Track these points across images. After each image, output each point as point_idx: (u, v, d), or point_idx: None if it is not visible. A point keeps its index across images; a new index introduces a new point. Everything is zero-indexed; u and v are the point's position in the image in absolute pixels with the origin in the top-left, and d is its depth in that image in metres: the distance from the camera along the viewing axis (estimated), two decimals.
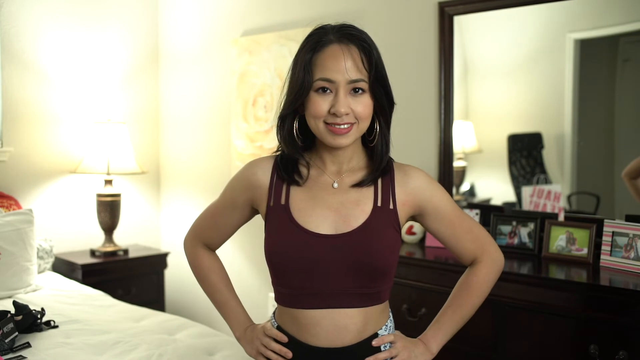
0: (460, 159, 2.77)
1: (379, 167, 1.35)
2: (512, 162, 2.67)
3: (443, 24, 2.64)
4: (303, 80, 1.28)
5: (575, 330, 1.87)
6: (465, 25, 2.66)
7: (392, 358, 1.33)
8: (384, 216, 1.32)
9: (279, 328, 1.37)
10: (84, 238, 3.66)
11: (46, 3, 3.49)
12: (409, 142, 2.80)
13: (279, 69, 3.29)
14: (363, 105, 1.28)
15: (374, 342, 1.32)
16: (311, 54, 1.29)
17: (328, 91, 1.28)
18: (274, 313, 1.42)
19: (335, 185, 1.35)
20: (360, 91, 1.28)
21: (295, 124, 1.34)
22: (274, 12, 3.35)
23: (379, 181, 1.36)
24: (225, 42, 3.61)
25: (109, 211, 3.47)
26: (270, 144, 3.33)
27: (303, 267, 1.29)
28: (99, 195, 3.48)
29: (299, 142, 1.35)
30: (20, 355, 2.07)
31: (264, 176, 1.38)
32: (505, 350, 2.02)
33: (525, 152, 2.65)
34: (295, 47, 3.22)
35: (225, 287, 1.51)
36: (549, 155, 2.60)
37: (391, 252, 1.31)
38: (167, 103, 4.00)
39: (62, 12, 3.55)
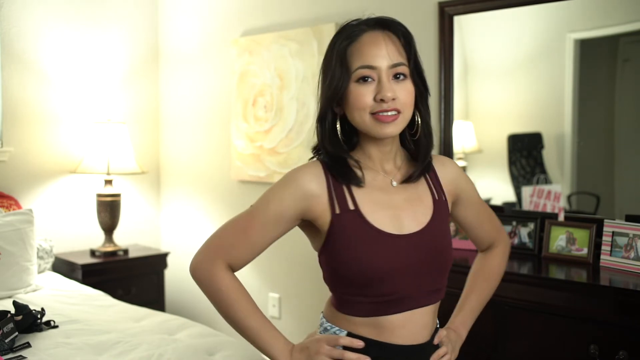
0: (460, 159, 2.77)
1: (426, 159, 1.32)
2: (512, 162, 2.67)
3: (443, 24, 2.64)
4: (341, 72, 1.22)
5: (575, 330, 1.87)
6: (465, 25, 2.66)
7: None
8: (442, 209, 1.33)
9: (350, 334, 1.27)
10: (84, 238, 3.66)
11: (46, 3, 3.49)
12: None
13: (279, 69, 3.29)
14: (406, 92, 1.23)
15: (436, 339, 1.35)
16: (346, 43, 1.23)
17: (369, 80, 1.21)
18: (326, 320, 1.32)
19: (394, 183, 1.30)
20: (401, 77, 1.23)
21: (338, 123, 1.27)
22: (274, 12, 3.35)
23: (427, 174, 1.35)
24: (225, 42, 3.61)
25: (109, 211, 3.47)
26: (270, 143, 3.33)
27: (390, 273, 1.22)
28: (99, 195, 3.48)
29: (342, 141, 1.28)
30: (20, 355, 2.07)
31: (320, 184, 1.25)
32: (505, 350, 2.02)
33: (525, 152, 2.65)
34: (295, 47, 3.24)
35: (258, 311, 1.30)
36: (549, 155, 2.59)
37: (452, 244, 1.34)
38: (167, 103, 4.00)
39: (62, 12, 3.55)
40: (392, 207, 1.27)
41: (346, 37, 1.24)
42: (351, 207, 1.24)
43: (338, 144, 1.27)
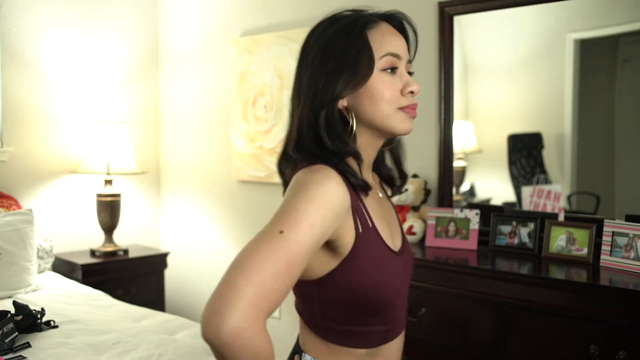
0: (460, 159, 2.77)
1: (404, 167, 1.24)
2: (512, 162, 2.67)
3: (443, 24, 2.64)
4: (368, 57, 1.07)
5: (575, 330, 1.87)
6: (465, 25, 2.66)
7: None
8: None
9: None
10: (84, 238, 3.66)
11: (46, 3, 3.49)
12: (409, 142, 2.79)
13: (279, 69, 3.29)
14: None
15: None
16: (364, 27, 1.09)
17: (396, 70, 1.11)
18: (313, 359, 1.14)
19: (381, 195, 1.22)
20: (412, 75, 1.14)
21: (352, 117, 1.10)
22: (274, 12, 3.35)
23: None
24: (225, 42, 3.61)
25: (109, 211, 3.47)
26: (270, 143, 3.33)
27: (397, 295, 1.12)
28: (99, 195, 3.48)
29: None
30: (20, 355, 2.07)
31: (347, 195, 1.03)
32: (505, 350, 2.02)
33: (525, 152, 2.65)
34: (295, 47, 3.23)
35: None
36: (549, 155, 2.59)
37: None
38: (167, 103, 4.00)
39: (62, 12, 3.55)
40: (386, 220, 1.17)
41: (363, 21, 1.10)
42: (370, 224, 1.08)
43: (350, 142, 1.08)
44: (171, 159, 4.00)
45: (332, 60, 1.08)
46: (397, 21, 1.17)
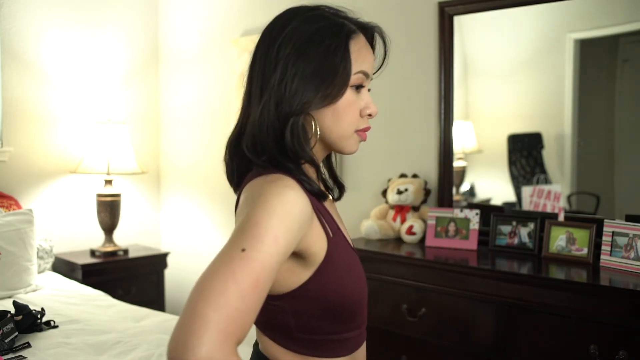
0: (460, 159, 2.77)
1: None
2: (512, 162, 2.67)
3: (443, 24, 2.64)
4: (347, 72, 1.02)
5: (575, 330, 1.87)
6: (465, 25, 2.66)
7: None
8: None
9: None
10: (84, 238, 3.66)
11: (46, 3, 3.49)
12: (409, 142, 2.80)
13: None
14: None
15: None
16: (345, 39, 1.03)
17: (359, 88, 1.06)
18: None
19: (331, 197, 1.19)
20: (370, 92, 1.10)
21: (314, 123, 1.04)
22: (274, 12, 3.33)
23: None
24: (225, 42, 3.61)
25: (109, 211, 3.47)
26: None
27: (366, 295, 1.12)
28: (99, 195, 3.48)
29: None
30: (20, 355, 2.07)
31: (307, 202, 0.97)
32: (505, 350, 2.02)
33: (525, 152, 2.65)
34: None
35: None
36: (549, 155, 2.59)
37: None
38: (167, 103, 4.00)
39: (62, 12, 3.55)
40: (341, 221, 1.15)
41: (348, 29, 1.04)
42: (335, 226, 1.05)
43: (308, 149, 1.02)
44: (171, 159, 4.00)
45: (310, 64, 1.00)
46: (371, 34, 1.11)
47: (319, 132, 1.03)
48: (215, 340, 0.79)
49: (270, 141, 1.01)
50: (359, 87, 1.05)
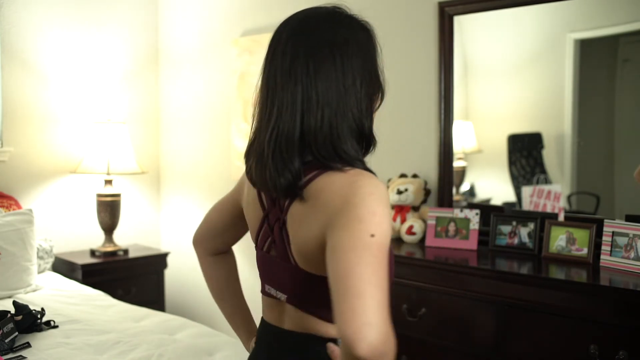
0: (460, 159, 2.77)
1: None
2: (512, 162, 2.67)
3: (443, 24, 2.64)
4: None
5: (575, 330, 1.87)
6: (465, 25, 2.66)
7: None
8: None
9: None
10: (84, 238, 3.66)
11: (46, 3, 3.49)
12: (409, 142, 2.80)
13: None
14: None
15: None
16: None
17: None
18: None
19: None
20: None
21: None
22: (274, 12, 3.35)
23: None
24: (225, 42, 3.61)
25: (109, 211, 3.47)
26: None
27: None
28: (99, 195, 3.48)
29: None
30: (20, 355, 2.07)
31: None
32: (505, 350, 2.02)
33: (525, 152, 2.65)
34: None
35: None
36: (549, 155, 2.59)
37: None
38: (167, 103, 4.00)
39: (62, 12, 3.56)
40: None
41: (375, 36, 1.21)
42: None
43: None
44: (171, 159, 4.00)
45: (372, 65, 1.16)
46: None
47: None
48: (385, 314, 0.92)
49: (348, 140, 1.11)
50: None
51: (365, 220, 1.00)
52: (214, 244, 1.51)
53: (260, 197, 1.22)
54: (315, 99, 1.10)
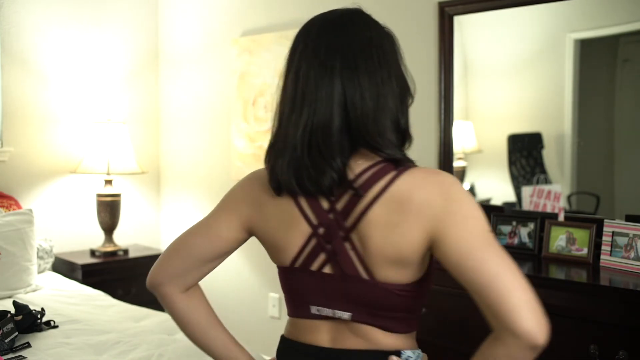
0: (460, 159, 2.77)
1: None
2: (512, 162, 2.67)
3: (443, 24, 2.64)
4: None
5: (575, 330, 1.87)
6: (465, 25, 2.66)
7: None
8: None
9: None
10: (84, 238, 3.66)
11: (46, 3, 3.49)
12: None
13: (279, 69, 3.28)
14: None
15: None
16: None
17: None
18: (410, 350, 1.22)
19: None
20: None
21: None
22: (274, 12, 3.35)
23: None
24: (225, 42, 3.61)
25: (109, 211, 3.47)
26: None
27: None
28: (99, 195, 3.48)
29: None
30: (20, 355, 2.07)
31: None
32: None
33: (525, 152, 2.65)
34: None
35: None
36: (549, 155, 2.59)
37: None
38: (167, 103, 4.00)
39: (62, 12, 3.55)
40: None
41: None
42: None
43: None
44: (171, 159, 4.00)
45: (401, 62, 1.20)
46: None
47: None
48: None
49: (392, 133, 1.11)
50: None
51: (478, 217, 1.04)
52: (190, 278, 1.21)
53: (302, 210, 1.10)
54: (359, 93, 1.07)
